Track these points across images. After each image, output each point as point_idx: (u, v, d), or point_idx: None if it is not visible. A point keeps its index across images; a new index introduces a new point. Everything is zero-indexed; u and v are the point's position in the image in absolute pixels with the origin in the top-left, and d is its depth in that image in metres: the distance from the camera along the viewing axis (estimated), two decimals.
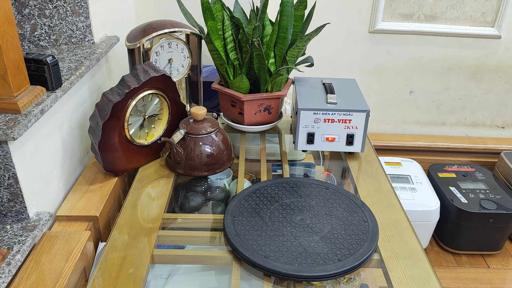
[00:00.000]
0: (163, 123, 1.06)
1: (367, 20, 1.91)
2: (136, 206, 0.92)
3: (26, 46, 1.10)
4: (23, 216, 0.82)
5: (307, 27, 1.14)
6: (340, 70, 1.98)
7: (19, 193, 0.80)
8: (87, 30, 1.12)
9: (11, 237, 0.78)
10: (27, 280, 0.73)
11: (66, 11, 1.09)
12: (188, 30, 1.14)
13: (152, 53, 1.12)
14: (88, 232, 0.84)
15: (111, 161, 0.98)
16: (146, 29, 1.10)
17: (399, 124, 2.19)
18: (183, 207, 1.01)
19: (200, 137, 0.99)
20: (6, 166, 0.77)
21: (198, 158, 0.99)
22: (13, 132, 0.73)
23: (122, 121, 0.96)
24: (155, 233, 0.84)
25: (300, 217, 0.86)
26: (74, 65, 0.99)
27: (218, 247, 0.83)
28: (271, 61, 1.13)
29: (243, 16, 1.18)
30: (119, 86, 0.95)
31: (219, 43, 1.12)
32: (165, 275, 0.83)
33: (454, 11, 1.94)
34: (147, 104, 1.01)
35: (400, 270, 0.76)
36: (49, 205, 0.90)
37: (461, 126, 2.17)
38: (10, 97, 0.77)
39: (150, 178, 1.02)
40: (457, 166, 1.99)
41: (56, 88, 0.87)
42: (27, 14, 1.07)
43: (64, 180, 0.98)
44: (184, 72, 1.19)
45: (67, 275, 0.74)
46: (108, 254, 0.78)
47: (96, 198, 0.93)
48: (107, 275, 0.74)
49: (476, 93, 2.10)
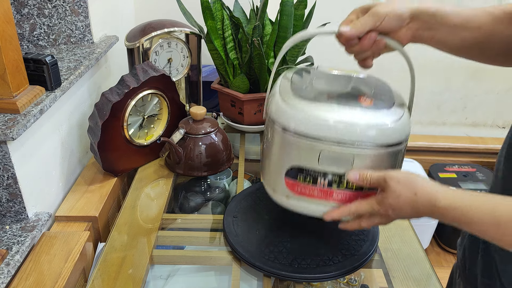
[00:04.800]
0: (162, 123, 1.06)
1: None
2: (135, 206, 0.92)
3: (25, 45, 1.10)
4: (22, 216, 0.82)
5: (307, 26, 1.14)
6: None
7: (18, 193, 0.80)
8: (86, 30, 1.11)
9: (10, 237, 0.77)
10: (26, 280, 0.72)
11: (65, 11, 1.08)
12: (187, 30, 1.14)
13: (151, 53, 1.11)
14: (87, 232, 0.84)
15: (110, 161, 0.98)
16: (145, 29, 1.10)
17: None
18: (183, 207, 1.00)
19: (200, 137, 0.99)
20: (5, 166, 0.77)
21: (197, 158, 0.99)
22: (12, 132, 0.72)
23: (121, 121, 0.95)
24: (155, 233, 0.84)
25: (300, 217, 0.85)
26: (73, 65, 0.99)
27: (217, 248, 0.82)
28: (271, 60, 1.12)
29: (243, 16, 1.18)
30: (119, 86, 0.94)
31: (218, 42, 1.11)
32: (165, 275, 0.83)
33: None
34: (147, 104, 1.01)
35: (400, 271, 0.75)
36: (48, 205, 0.90)
37: (461, 126, 2.17)
38: (9, 97, 0.77)
39: (150, 178, 1.01)
40: (457, 166, 1.99)
41: (55, 88, 0.87)
42: (26, 14, 1.07)
43: (63, 180, 0.98)
44: (183, 72, 1.19)
45: (66, 275, 0.74)
46: (108, 255, 0.78)
47: (95, 198, 0.93)
48: (107, 275, 0.74)
49: (477, 93, 2.10)
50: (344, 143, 0.61)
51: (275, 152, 0.66)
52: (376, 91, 0.68)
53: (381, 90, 0.69)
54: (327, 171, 0.64)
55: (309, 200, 0.67)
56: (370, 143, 0.61)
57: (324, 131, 0.61)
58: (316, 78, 0.69)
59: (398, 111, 0.63)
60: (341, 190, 0.65)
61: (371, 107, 0.62)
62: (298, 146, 0.63)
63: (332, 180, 0.64)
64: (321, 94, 0.65)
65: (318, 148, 0.62)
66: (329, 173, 0.64)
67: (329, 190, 0.65)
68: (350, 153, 0.61)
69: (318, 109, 0.62)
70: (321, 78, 0.69)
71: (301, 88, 0.67)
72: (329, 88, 0.67)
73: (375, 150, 0.61)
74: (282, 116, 0.64)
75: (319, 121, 0.61)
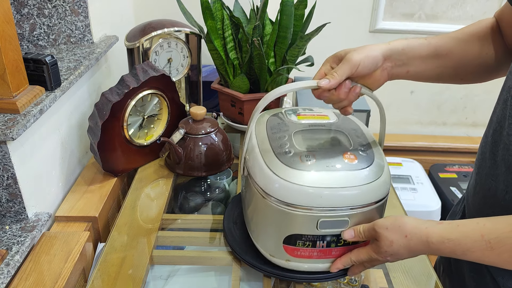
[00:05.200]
0: (162, 123, 1.06)
1: (368, 20, 1.91)
2: (135, 206, 0.92)
3: (25, 45, 1.10)
4: (22, 216, 0.82)
5: (308, 26, 1.14)
6: None
7: (18, 193, 0.80)
8: (86, 30, 1.11)
9: (10, 237, 0.77)
10: (26, 281, 0.72)
11: (65, 11, 1.08)
12: (187, 30, 1.14)
13: (151, 53, 1.11)
14: (87, 232, 0.84)
15: (110, 161, 0.98)
16: (145, 29, 1.09)
17: (400, 124, 2.19)
18: (183, 207, 1.00)
19: (200, 137, 0.99)
20: (5, 167, 0.77)
21: (197, 158, 0.99)
22: (12, 132, 0.72)
23: (121, 121, 0.95)
24: (155, 233, 0.84)
25: None
26: (73, 65, 0.99)
27: (217, 248, 0.82)
28: (271, 60, 1.12)
29: (243, 16, 1.18)
30: (118, 86, 0.94)
31: (218, 42, 1.11)
32: (165, 276, 0.83)
33: (455, 11, 1.93)
34: (147, 104, 1.01)
35: (401, 271, 0.75)
36: (48, 205, 0.90)
37: (462, 126, 2.17)
38: (9, 97, 0.77)
39: (150, 179, 1.01)
40: (458, 166, 1.99)
41: (55, 88, 0.87)
42: (26, 14, 1.07)
43: (63, 180, 0.98)
44: (183, 72, 1.19)
45: (66, 275, 0.74)
46: (107, 255, 0.78)
47: (95, 199, 0.93)
48: (106, 276, 0.74)
49: (477, 93, 2.10)
50: (340, 208, 0.64)
51: (270, 221, 0.68)
52: (354, 139, 0.70)
53: (356, 136, 0.72)
54: (326, 234, 0.66)
55: (309, 260, 0.69)
56: (363, 203, 0.64)
57: (320, 201, 0.63)
58: (294, 133, 0.71)
59: (379, 163, 0.66)
60: (339, 247, 0.68)
61: (357, 164, 0.65)
62: (296, 216, 0.64)
63: (330, 240, 0.67)
64: (307, 157, 0.65)
65: (316, 216, 0.64)
66: (327, 235, 0.66)
67: (328, 249, 0.68)
68: (345, 215, 0.64)
69: (312, 179, 0.63)
70: (298, 132, 0.71)
71: (283, 148, 0.67)
72: (310, 144, 0.69)
73: (367, 207, 0.65)
74: (273, 187, 0.64)
75: (315, 191, 0.62)
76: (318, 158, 0.65)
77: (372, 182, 0.64)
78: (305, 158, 0.65)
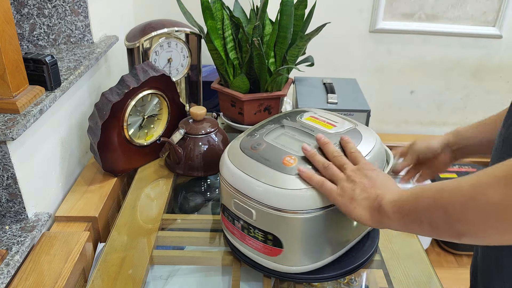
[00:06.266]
0: (162, 123, 1.06)
1: (368, 20, 1.91)
2: (135, 206, 0.92)
3: (25, 45, 1.10)
4: (22, 216, 0.82)
5: (308, 26, 1.14)
6: (341, 70, 1.98)
7: (18, 193, 0.79)
8: (86, 30, 1.11)
9: (9, 237, 0.77)
10: (26, 281, 0.72)
11: (65, 11, 1.08)
12: (187, 30, 1.14)
13: (151, 53, 1.11)
14: (87, 232, 0.84)
15: (110, 161, 0.98)
16: (145, 29, 1.09)
17: (400, 124, 2.19)
18: (183, 207, 1.00)
19: (200, 137, 0.99)
20: (4, 167, 0.77)
21: (197, 158, 0.99)
22: (12, 132, 0.72)
23: (121, 121, 0.95)
24: (155, 233, 0.84)
25: None
26: (73, 65, 0.99)
27: (217, 248, 0.82)
28: (271, 60, 1.12)
29: (243, 16, 1.18)
30: (118, 86, 0.94)
31: (218, 42, 1.11)
32: (165, 276, 0.83)
33: (455, 11, 1.93)
34: (147, 104, 1.01)
35: (401, 271, 0.75)
36: (48, 205, 0.90)
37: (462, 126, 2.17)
38: (9, 97, 0.77)
39: (150, 179, 1.01)
40: (458, 166, 1.99)
41: (55, 88, 0.87)
42: (26, 14, 1.07)
43: (63, 180, 0.98)
44: (183, 72, 1.19)
45: (66, 275, 0.74)
46: (107, 255, 0.78)
47: (95, 199, 0.93)
48: (106, 276, 0.74)
49: (477, 93, 2.10)
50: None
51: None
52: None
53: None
54: (239, 217, 0.69)
55: (234, 237, 0.74)
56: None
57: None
58: (282, 131, 0.74)
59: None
60: (251, 237, 0.70)
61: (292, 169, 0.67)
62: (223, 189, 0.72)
63: (242, 226, 0.70)
64: (256, 148, 0.71)
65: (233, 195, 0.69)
66: (241, 218, 0.69)
67: (242, 233, 0.71)
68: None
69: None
70: (287, 130, 0.75)
71: (254, 143, 0.72)
72: (285, 142, 0.72)
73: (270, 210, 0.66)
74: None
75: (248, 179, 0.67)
76: (268, 153, 0.68)
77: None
78: (256, 147, 0.71)
